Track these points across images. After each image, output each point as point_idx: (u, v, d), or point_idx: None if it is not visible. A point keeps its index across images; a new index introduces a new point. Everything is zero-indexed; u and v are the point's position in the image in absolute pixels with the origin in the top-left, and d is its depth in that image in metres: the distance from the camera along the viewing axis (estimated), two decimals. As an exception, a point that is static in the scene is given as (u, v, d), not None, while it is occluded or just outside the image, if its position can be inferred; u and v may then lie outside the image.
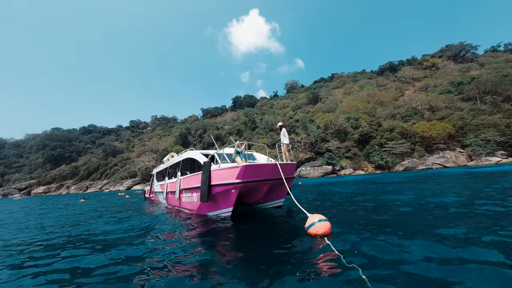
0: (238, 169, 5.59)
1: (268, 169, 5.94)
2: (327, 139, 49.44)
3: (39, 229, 7.28)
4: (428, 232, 3.91)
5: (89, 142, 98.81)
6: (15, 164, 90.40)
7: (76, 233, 6.09)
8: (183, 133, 72.88)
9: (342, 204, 8.06)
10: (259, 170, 5.79)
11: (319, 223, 3.89)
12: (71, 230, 6.62)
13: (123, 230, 5.98)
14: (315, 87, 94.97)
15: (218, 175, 6.19)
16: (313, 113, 66.97)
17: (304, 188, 17.82)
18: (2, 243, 5.58)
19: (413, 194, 9.14)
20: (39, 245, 5.05)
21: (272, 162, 6.23)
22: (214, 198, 6.46)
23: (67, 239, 5.41)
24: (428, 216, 5.29)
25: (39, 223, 8.76)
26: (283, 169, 6.17)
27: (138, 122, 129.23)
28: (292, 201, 9.22)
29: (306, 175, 42.52)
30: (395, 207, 6.64)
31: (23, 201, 35.03)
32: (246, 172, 5.55)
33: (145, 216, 8.49)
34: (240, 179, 5.57)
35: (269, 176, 6.00)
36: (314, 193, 13.03)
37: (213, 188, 6.19)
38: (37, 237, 5.99)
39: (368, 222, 5.03)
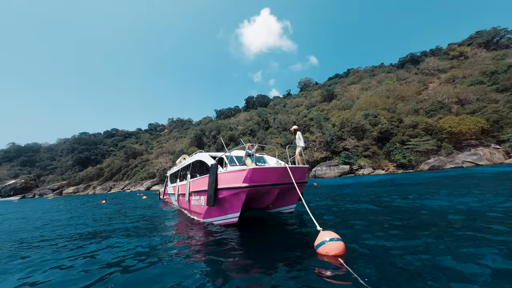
0: (245, 173, 5.22)
1: (278, 173, 5.52)
2: (344, 137, 47.45)
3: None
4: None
5: (112, 145, 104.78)
6: (49, 167, 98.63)
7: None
8: (197, 134, 74.40)
9: (365, 212, 7.17)
10: (267, 173, 5.41)
11: (330, 243, 3.33)
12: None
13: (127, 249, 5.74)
14: (330, 84, 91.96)
15: (224, 178, 5.89)
16: (328, 111, 64.83)
17: (319, 190, 16.89)
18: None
19: (457, 196, 8.03)
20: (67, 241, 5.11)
21: (281, 166, 5.69)
22: (220, 202, 6.15)
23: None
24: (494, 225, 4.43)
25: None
26: (294, 173, 5.71)
27: (156, 125, 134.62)
28: (304, 207, 8.71)
29: (322, 175, 41.11)
30: (440, 215, 5.70)
31: (55, 200, 37.86)
32: (253, 176, 5.16)
33: (152, 225, 8.43)
34: (247, 183, 5.19)
35: (278, 180, 5.59)
36: (330, 196, 12.11)
37: (220, 192, 5.88)
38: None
39: (405, 234, 4.28)
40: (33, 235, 7.38)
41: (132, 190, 64.14)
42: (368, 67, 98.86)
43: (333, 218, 6.36)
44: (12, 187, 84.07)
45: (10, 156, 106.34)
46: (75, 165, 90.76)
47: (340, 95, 75.13)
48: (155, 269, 3.52)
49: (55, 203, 27.43)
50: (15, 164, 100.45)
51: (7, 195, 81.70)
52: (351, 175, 39.42)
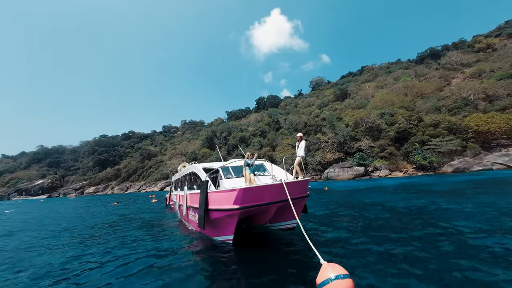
0: (235, 193, 4.66)
1: (273, 191, 4.89)
2: (358, 137, 45.49)
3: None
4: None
5: (129, 147, 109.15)
6: (72, 167, 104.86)
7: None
8: (209, 136, 75.26)
9: (385, 232, 5.67)
10: (261, 192, 4.78)
11: (336, 282, 2.69)
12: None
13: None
14: (343, 83, 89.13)
15: (215, 198, 5.34)
16: (341, 110, 62.73)
17: (330, 195, 15.84)
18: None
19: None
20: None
21: (276, 182, 5.05)
22: (212, 223, 5.65)
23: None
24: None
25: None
26: (293, 188, 5.11)
27: (169, 127, 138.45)
28: (313, 217, 7.98)
29: (335, 177, 39.62)
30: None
31: (74, 200, 39.90)
32: (245, 196, 4.61)
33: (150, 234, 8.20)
34: (238, 205, 4.64)
35: (274, 198, 4.96)
36: (341, 205, 11.07)
37: (211, 213, 5.36)
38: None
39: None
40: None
41: (147, 190, 66.17)
42: (384, 63, 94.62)
43: (342, 240, 5.37)
44: (40, 186, 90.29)
45: (38, 158, 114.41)
46: (95, 166, 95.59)
47: (353, 93, 72.50)
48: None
49: (70, 204, 28.72)
50: (43, 165, 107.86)
51: (36, 194, 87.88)
52: (366, 177, 37.59)
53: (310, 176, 46.27)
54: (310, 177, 46.43)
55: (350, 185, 23.90)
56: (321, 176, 44.28)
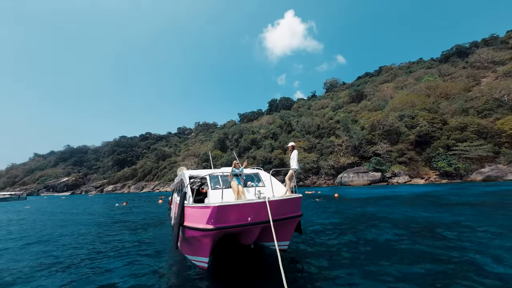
0: (208, 211, 3.91)
1: (254, 210, 4.04)
2: (374, 141, 43.15)
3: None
4: None
5: (145, 148, 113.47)
6: (94, 166, 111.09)
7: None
8: (221, 138, 75.87)
9: (400, 262, 4.56)
10: (240, 211, 3.94)
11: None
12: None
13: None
14: (359, 84, 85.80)
15: (190, 214, 4.63)
16: (356, 112, 60.21)
17: (340, 205, 14.33)
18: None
19: None
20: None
21: (259, 200, 4.14)
22: (188, 241, 4.91)
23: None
24: None
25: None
26: (280, 208, 4.29)
27: (184, 129, 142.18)
28: (313, 234, 6.74)
29: (349, 183, 37.74)
30: None
31: (92, 198, 41.85)
32: (219, 215, 3.84)
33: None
34: (212, 225, 3.87)
35: (256, 218, 4.07)
36: (353, 220, 9.33)
37: (186, 230, 4.63)
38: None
39: None
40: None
41: (161, 190, 67.99)
42: (404, 63, 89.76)
43: (336, 277, 4.08)
44: (65, 183, 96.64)
45: (65, 157, 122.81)
46: (114, 166, 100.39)
47: (370, 95, 69.41)
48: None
49: (83, 202, 29.93)
50: (68, 163, 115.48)
51: (61, 190, 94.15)
52: (383, 184, 35.33)
53: (322, 180, 44.61)
54: (322, 181, 44.80)
55: (364, 192, 22.38)
56: (334, 181, 42.47)
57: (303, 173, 46.69)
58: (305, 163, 46.67)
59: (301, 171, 46.61)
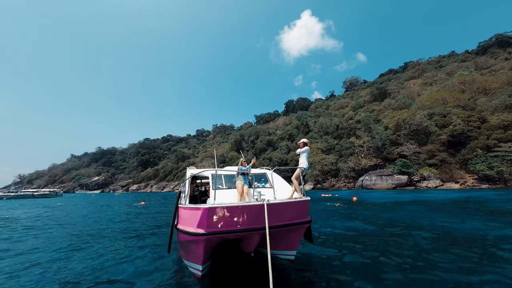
0: (199, 214, 3.50)
1: (251, 213, 3.53)
2: (399, 142, 40.10)
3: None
4: None
5: (166, 149, 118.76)
6: (121, 167, 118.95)
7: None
8: (237, 139, 76.49)
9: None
10: (234, 214, 3.45)
11: None
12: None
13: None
14: (382, 81, 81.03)
15: (183, 215, 4.22)
16: (379, 111, 56.74)
17: (359, 210, 12.71)
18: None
19: None
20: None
21: (257, 202, 3.58)
22: (182, 246, 4.54)
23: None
24: None
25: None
26: (282, 212, 3.74)
27: (202, 131, 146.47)
28: (324, 244, 5.85)
29: (371, 186, 35.37)
30: None
31: (117, 196, 44.59)
32: (211, 218, 3.39)
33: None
34: (203, 229, 3.42)
35: (254, 223, 3.53)
36: (373, 236, 7.40)
37: (179, 234, 4.23)
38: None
39: None
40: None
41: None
42: (433, 57, 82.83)
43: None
44: (96, 182, 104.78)
45: (96, 158, 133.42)
46: (139, 166, 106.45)
47: (394, 92, 65.14)
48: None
49: (108, 200, 31.75)
50: (99, 164, 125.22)
51: (93, 188, 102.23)
52: (410, 188, 32.47)
53: (342, 183, 42.46)
54: (342, 184, 42.59)
55: (389, 197, 20.60)
56: (354, 184, 40.18)
57: (321, 175, 44.94)
58: (323, 165, 44.90)
59: (319, 173, 44.89)
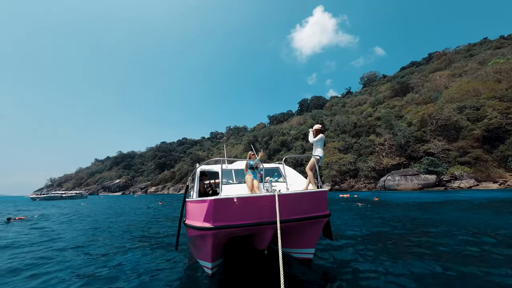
0: (205, 206, 3.30)
1: (260, 205, 3.26)
2: (425, 138, 37.43)
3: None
4: None
5: (182, 152, 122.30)
6: (139, 170, 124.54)
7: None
8: (250, 140, 76.45)
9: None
10: (242, 206, 3.21)
11: None
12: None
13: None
14: (403, 75, 76.70)
15: (191, 210, 4.06)
16: (401, 107, 53.68)
17: (381, 212, 11.41)
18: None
19: None
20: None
21: (268, 193, 3.33)
22: (191, 243, 4.46)
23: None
24: None
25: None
26: (296, 204, 3.45)
27: (216, 133, 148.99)
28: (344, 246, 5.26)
29: (394, 187, 33.27)
30: None
31: (136, 198, 46.57)
32: (217, 211, 3.17)
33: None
34: (210, 223, 3.21)
35: (264, 216, 3.26)
36: (405, 228, 7.26)
37: (188, 230, 4.10)
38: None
39: None
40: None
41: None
42: (461, 46, 76.70)
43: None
44: (117, 185, 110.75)
45: (117, 161, 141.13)
46: (156, 169, 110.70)
47: (418, 86, 61.32)
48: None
49: (129, 201, 33.08)
50: (120, 167, 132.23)
51: (114, 190, 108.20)
52: (440, 189, 29.97)
53: (362, 184, 40.49)
54: (362, 185, 40.60)
55: (415, 197, 19.06)
56: (375, 185, 38.11)
57: (339, 175, 43.29)
58: (340, 165, 43.25)
59: (337, 174, 43.27)
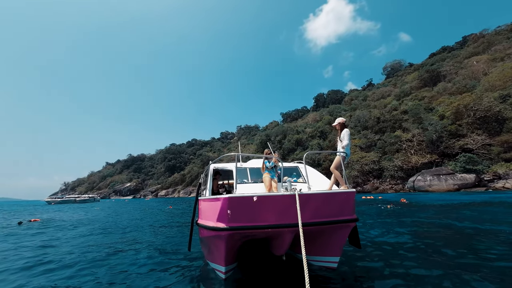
0: (219, 204, 3.20)
1: (280, 205, 3.08)
2: (461, 132, 35.09)
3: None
4: None
5: (192, 154, 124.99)
6: (150, 173, 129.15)
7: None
8: (263, 140, 76.23)
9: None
10: (260, 206, 3.04)
11: None
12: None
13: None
14: (433, 62, 72.60)
15: (203, 209, 4.01)
16: (431, 98, 50.88)
17: (412, 217, 10.44)
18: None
19: None
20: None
21: (287, 193, 3.09)
22: (204, 244, 4.44)
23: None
24: None
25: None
26: (317, 206, 3.20)
27: (226, 133, 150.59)
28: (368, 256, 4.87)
29: (425, 188, 31.45)
30: None
31: (147, 201, 48.21)
32: (232, 210, 3.03)
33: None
34: (224, 223, 3.10)
35: (283, 219, 3.07)
36: (433, 224, 7.28)
37: (200, 230, 4.09)
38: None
39: None
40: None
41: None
42: (503, 26, 70.85)
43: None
44: (128, 188, 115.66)
45: (128, 164, 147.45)
46: (166, 172, 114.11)
47: (451, 74, 57.76)
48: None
49: (141, 205, 34.24)
50: (130, 170, 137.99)
51: (126, 194, 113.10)
52: (480, 189, 27.81)
53: (387, 185, 38.77)
54: (387, 186, 38.83)
55: (452, 199, 17.78)
56: (403, 186, 36.31)
57: (361, 176, 41.81)
58: (362, 165, 41.75)
59: (358, 174, 41.82)
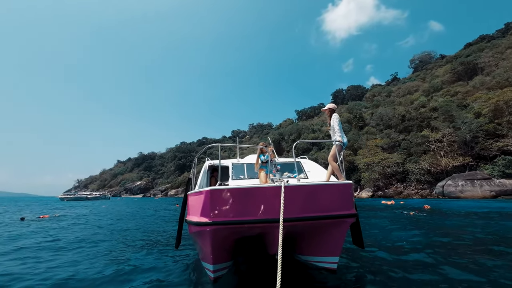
0: (202, 197, 3.17)
1: (268, 198, 2.97)
2: (501, 132, 32.96)
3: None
4: None
5: (202, 152, 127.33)
6: (160, 171, 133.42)
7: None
8: (276, 139, 75.91)
9: None
10: (246, 199, 2.97)
11: None
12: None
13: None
14: (469, 53, 68.31)
15: (190, 203, 4.08)
16: (465, 93, 48.15)
17: (438, 228, 8.90)
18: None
19: None
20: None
21: (273, 184, 2.99)
22: (195, 243, 4.54)
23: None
24: None
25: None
26: (307, 199, 3.07)
27: (238, 132, 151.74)
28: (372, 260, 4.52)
29: (457, 194, 29.78)
30: None
31: (155, 201, 49.90)
32: (215, 204, 2.96)
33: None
34: (208, 217, 3.01)
35: (273, 213, 2.89)
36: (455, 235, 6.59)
37: (189, 227, 4.06)
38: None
39: None
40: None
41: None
42: (555, 10, 65.08)
43: None
44: (139, 187, 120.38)
45: (138, 163, 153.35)
46: (176, 170, 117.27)
47: (490, 66, 54.27)
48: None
49: (149, 204, 35.49)
50: (141, 168, 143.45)
51: (136, 192, 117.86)
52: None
53: (412, 190, 37.16)
54: (412, 191, 37.18)
55: (487, 206, 16.66)
56: (431, 191, 34.65)
57: (383, 179, 40.45)
58: (384, 167, 40.38)
59: (380, 177, 40.44)
